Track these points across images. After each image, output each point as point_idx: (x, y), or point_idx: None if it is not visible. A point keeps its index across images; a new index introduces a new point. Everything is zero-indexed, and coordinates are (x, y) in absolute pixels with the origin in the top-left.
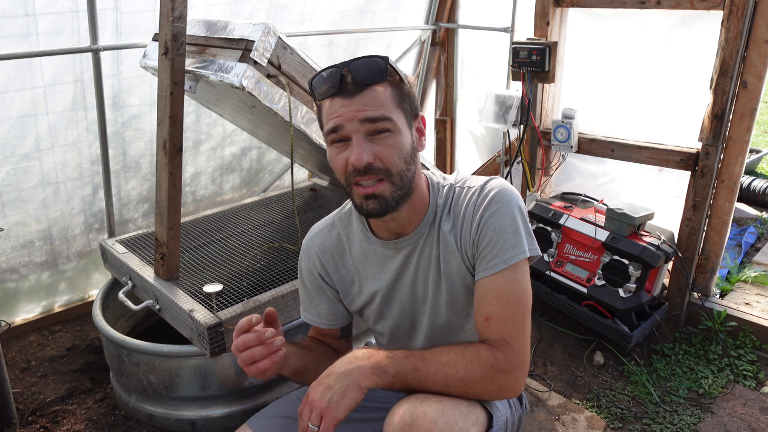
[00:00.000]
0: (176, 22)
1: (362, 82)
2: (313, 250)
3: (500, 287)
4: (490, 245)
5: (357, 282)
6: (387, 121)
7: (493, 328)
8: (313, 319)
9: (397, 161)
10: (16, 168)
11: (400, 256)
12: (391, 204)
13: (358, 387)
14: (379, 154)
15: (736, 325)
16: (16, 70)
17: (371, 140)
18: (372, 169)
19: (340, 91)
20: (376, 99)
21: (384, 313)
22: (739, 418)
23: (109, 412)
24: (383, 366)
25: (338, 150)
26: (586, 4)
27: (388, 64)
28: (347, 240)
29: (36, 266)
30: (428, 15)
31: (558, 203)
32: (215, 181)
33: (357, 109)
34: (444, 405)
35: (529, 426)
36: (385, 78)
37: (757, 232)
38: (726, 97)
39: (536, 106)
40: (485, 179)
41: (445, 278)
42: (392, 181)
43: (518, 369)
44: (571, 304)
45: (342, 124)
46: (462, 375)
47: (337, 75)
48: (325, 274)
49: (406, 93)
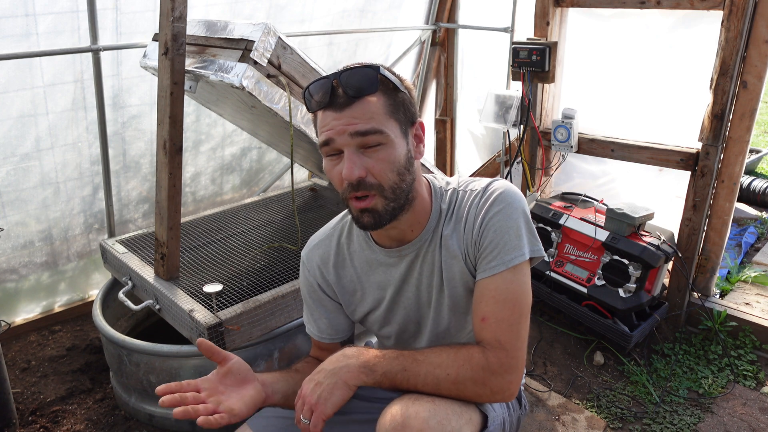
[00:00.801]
0: (176, 22)
1: (353, 94)
2: (314, 261)
3: (498, 288)
4: (490, 246)
5: (359, 291)
6: (378, 134)
7: (487, 329)
8: (314, 332)
9: (389, 175)
10: (16, 168)
11: (404, 263)
12: (385, 217)
13: (345, 385)
14: (370, 168)
15: (736, 325)
16: (16, 70)
17: (363, 153)
18: (364, 184)
19: (331, 104)
20: (366, 111)
21: (389, 319)
22: (739, 418)
23: (109, 412)
24: (371, 365)
25: (333, 163)
26: (586, 4)
27: (379, 73)
28: (348, 249)
29: (36, 266)
30: (428, 15)
31: (558, 203)
32: (215, 181)
33: (347, 123)
34: (436, 405)
35: (529, 426)
36: (376, 89)
37: (757, 232)
38: (726, 97)
39: (536, 106)
40: (488, 181)
41: (447, 283)
42: (384, 195)
43: (510, 372)
44: (571, 304)
45: (333, 138)
46: (453, 377)
47: (327, 87)
48: (326, 285)
49: (401, 101)
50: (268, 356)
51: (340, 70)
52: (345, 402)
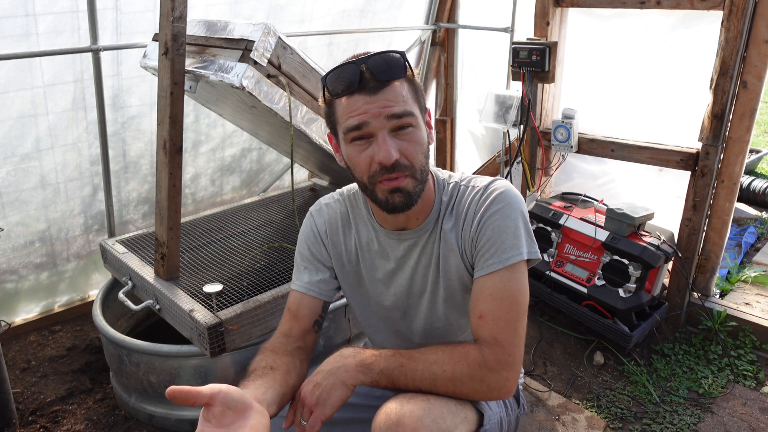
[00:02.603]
0: (176, 22)
1: (383, 77)
2: (323, 216)
3: (495, 286)
4: (488, 244)
5: (355, 262)
6: (410, 117)
7: (484, 326)
8: (301, 284)
9: (419, 156)
10: (16, 168)
11: (402, 247)
12: (414, 198)
13: (343, 384)
14: (403, 150)
15: (736, 325)
16: (16, 70)
17: (396, 136)
18: (399, 166)
19: (361, 88)
20: (398, 94)
21: (374, 302)
22: (739, 418)
23: (109, 412)
24: (368, 363)
25: (360, 148)
26: (586, 4)
27: (405, 58)
28: (354, 219)
29: (36, 266)
30: (428, 15)
31: (558, 203)
32: (215, 182)
33: (382, 105)
34: (431, 403)
35: (529, 426)
36: (405, 73)
37: (757, 232)
38: (726, 97)
39: (536, 106)
40: (490, 179)
41: (443, 275)
42: (415, 176)
43: (507, 368)
44: (571, 304)
45: (367, 121)
46: (450, 374)
47: (356, 71)
48: (326, 237)
49: (419, 87)
50: None
51: (366, 55)
52: (344, 402)
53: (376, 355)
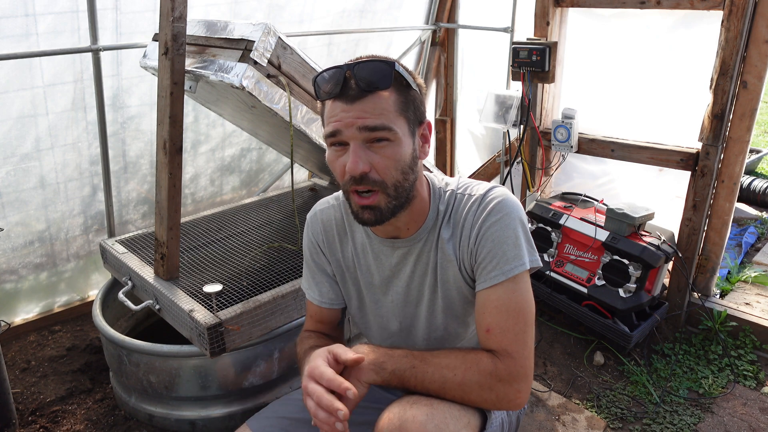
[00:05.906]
0: (176, 22)
1: (365, 87)
2: (317, 225)
3: (500, 299)
4: (489, 257)
5: (353, 268)
6: (386, 131)
7: (493, 340)
8: (315, 297)
9: (393, 173)
10: (16, 168)
11: (396, 255)
12: (386, 214)
13: (358, 382)
14: (375, 164)
15: (736, 325)
16: (16, 70)
17: (369, 148)
18: (367, 179)
19: (342, 95)
20: (377, 106)
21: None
22: (740, 418)
23: (109, 412)
24: (381, 362)
25: (338, 154)
26: (586, 4)
27: (393, 69)
28: (349, 225)
29: (36, 266)
30: (428, 15)
31: (558, 203)
32: (215, 182)
33: (356, 116)
34: (434, 408)
35: (529, 426)
36: (389, 84)
37: (757, 232)
38: (726, 97)
39: (536, 106)
40: (487, 187)
41: (441, 285)
42: (387, 192)
43: (519, 380)
44: (571, 304)
45: (340, 129)
46: (460, 379)
47: (340, 77)
48: (324, 246)
49: (412, 99)
50: (268, 356)
51: (355, 61)
52: (360, 399)
53: (389, 354)
